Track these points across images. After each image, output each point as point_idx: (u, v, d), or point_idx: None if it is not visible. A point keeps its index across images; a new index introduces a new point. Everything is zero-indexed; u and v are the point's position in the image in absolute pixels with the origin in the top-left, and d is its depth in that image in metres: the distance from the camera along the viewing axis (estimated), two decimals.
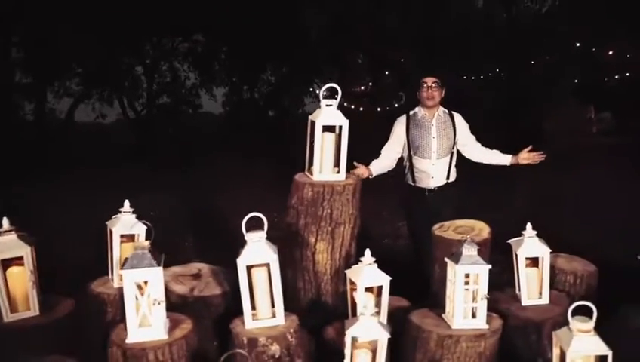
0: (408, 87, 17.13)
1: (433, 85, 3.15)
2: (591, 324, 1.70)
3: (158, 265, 1.77)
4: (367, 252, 1.98)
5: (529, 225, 2.22)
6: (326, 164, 2.19)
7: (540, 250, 2.19)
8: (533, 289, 2.25)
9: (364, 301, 1.86)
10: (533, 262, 2.26)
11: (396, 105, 19.54)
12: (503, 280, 2.42)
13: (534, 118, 16.11)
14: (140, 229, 2.14)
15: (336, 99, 2.17)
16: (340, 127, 2.17)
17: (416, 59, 15.97)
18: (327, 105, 2.16)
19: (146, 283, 1.79)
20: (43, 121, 13.83)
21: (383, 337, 1.65)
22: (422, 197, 3.19)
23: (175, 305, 2.20)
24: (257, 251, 1.85)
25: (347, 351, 1.67)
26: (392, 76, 17.13)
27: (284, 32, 15.35)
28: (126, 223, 2.12)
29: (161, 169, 11.10)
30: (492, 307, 2.25)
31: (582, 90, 18.52)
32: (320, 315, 2.18)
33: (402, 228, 4.20)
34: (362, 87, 19.80)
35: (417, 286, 2.48)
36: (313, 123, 2.16)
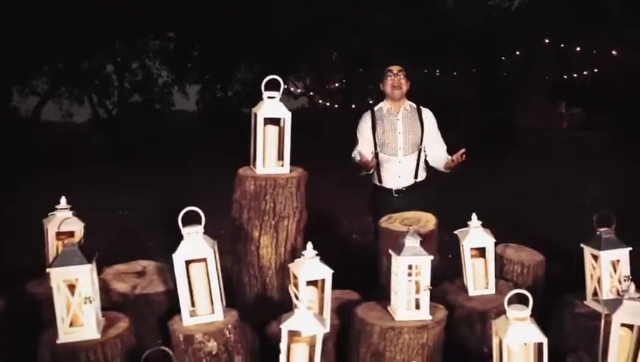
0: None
1: (400, 73, 3.01)
2: (527, 312, 1.70)
3: (89, 262, 1.72)
4: (309, 245, 1.96)
5: (474, 216, 2.22)
6: (269, 157, 2.16)
7: (484, 241, 2.19)
8: (479, 279, 2.26)
9: (304, 295, 1.83)
10: (480, 252, 2.26)
11: (370, 101, 19.61)
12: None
13: (506, 114, 16.36)
14: (76, 226, 2.08)
15: (278, 91, 2.14)
16: (284, 120, 2.13)
17: (388, 56, 16.04)
18: (269, 98, 2.12)
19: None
20: (9, 119, 13.52)
21: (318, 331, 1.63)
22: (388, 198, 3.01)
23: (116, 303, 2.15)
24: (194, 246, 1.81)
25: (283, 346, 1.65)
26: (366, 73, 17.21)
27: (256, 29, 15.26)
28: (61, 220, 2.05)
29: (133, 167, 10.96)
30: (440, 298, 2.26)
31: (552, 86, 18.86)
32: (265, 310, 2.14)
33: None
34: (336, 84, 19.83)
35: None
36: (256, 115, 2.12)
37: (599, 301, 2.10)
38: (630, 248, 2.10)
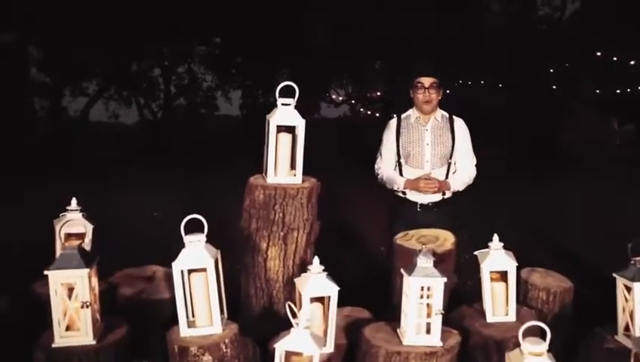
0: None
1: (431, 86, 2.78)
2: (544, 347, 1.56)
3: (87, 266, 1.69)
4: (316, 260, 1.87)
5: (496, 237, 2.08)
6: (281, 166, 2.09)
7: (506, 264, 2.05)
8: (499, 305, 2.11)
9: (305, 312, 1.75)
10: (502, 276, 2.12)
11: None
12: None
13: (555, 129, 15.81)
14: (85, 228, 2.07)
15: (294, 98, 2.07)
16: (297, 128, 2.06)
17: (429, 65, 15.79)
18: (282, 105, 2.06)
19: None
20: (60, 119, 14.03)
21: (315, 352, 1.54)
22: (412, 213, 2.81)
23: (122, 307, 2.12)
24: (195, 255, 1.75)
25: None
26: (406, 83, 17.00)
27: (299, 37, 15.36)
28: (72, 222, 2.04)
29: (174, 170, 11.15)
30: (456, 322, 2.13)
31: (604, 100, 18.10)
32: (271, 324, 2.07)
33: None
34: (378, 93, 19.68)
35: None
36: (269, 123, 2.06)
37: (631, 337, 1.93)
38: None
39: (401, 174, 2.89)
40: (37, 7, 11.65)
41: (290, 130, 2.08)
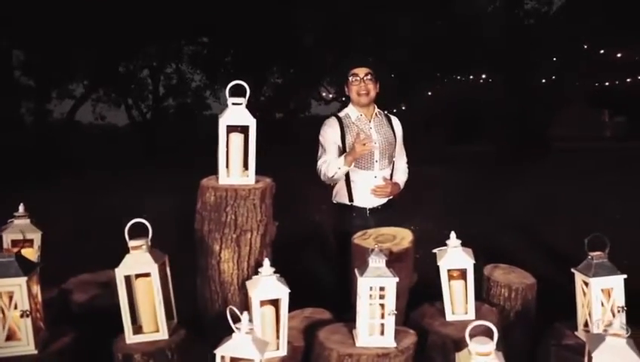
0: (410, 90, 16.91)
1: (367, 77, 2.69)
2: (490, 346, 1.53)
3: (26, 274, 1.64)
4: (266, 262, 1.83)
5: (453, 235, 2.04)
6: (234, 167, 2.04)
7: (463, 262, 2.01)
8: (458, 303, 2.08)
9: (253, 316, 1.71)
10: (462, 274, 2.08)
11: (403, 108, 19.37)
12: None
13: (545, 122, 15.81)
14: (34, 234, 2.02)
15: (245, 97, 2.02)
16: (249, 128, 2.02)
17: (419, 61, 15.80)
18: (233, 104, 2.01)
19: None
20: (48, 122, 13.93)
21: (255, 357, 1.50)
22: (361, 219, 2.69)
23: (75, 314, 2.08)
24: (138, 260, 1.71)
25: None
26: (397, 80, 16.96)
27: (289, 35, 15.31)
28: (18, 228, 2.00)
29: (165, 170, 11.08)
30: (416, 322, 2.10)
31: (594, 93, 18.13)
32: (226, 328, 2.03)
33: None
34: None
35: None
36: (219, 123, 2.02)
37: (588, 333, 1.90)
38: (625, 275, 1.88)
39: (348, 178, 2.75)
40: (24, 9, 11.57)
41: (244, 129, 2.03)
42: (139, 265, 1.70)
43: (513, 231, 5.31)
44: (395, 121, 2.89)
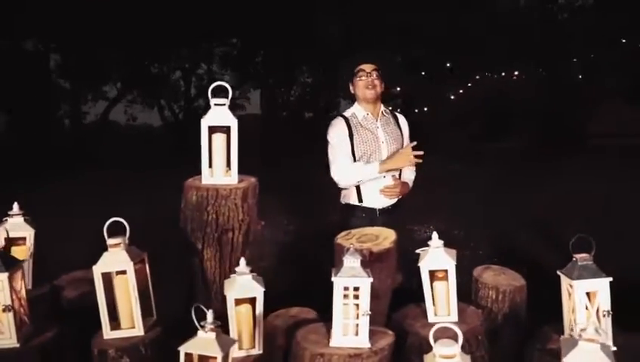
0: (441, 87, 16.68)
1: (373, 72, 2.65)
2: (455, 349, 1.51)
3: (7, 270, 1.71)
4: (242, 261, 1.86)
5: (435, 235, 2.01)
6: (217, 167, 2.08)
7: (444, 263, 1.98)
8: (441, 305, 2.05)
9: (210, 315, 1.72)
10: (446, 275, 2.05)
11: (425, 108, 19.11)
12: None
13: (579, 120, 15.36)
14: (27, 232, 2.10)
15: (227, 98, 2.05)
16: (230, 128, 2.05)
17: (450, 59, 15.59)
18: (216, 105, 2.04)
19: None
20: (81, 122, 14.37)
21: (218, 354, 1.52)
22: (371, 219, 2.64)
23: (65, 310, 2.15)
24: (115, 258, 1.76)
25: None
26: (427, 78, 16.77)
27: (318, 33, 15.34)
28: (12, 226, 2.08)
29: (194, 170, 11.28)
30: (398, 323, 2.09)
31: (632, 89, 17.46)
32: None
33: None
34: (397, 88, 19.48)
35: None
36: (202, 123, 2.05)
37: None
38: (610, 278, 1.82)
39: None
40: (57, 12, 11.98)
41: (224, 130, 2.06)
42: (115, 263, 1.74)
43: (532, 231, 5.17)
44: (402, 119, 2.87)
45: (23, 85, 11.77)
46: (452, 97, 20.33)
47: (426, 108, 19.60)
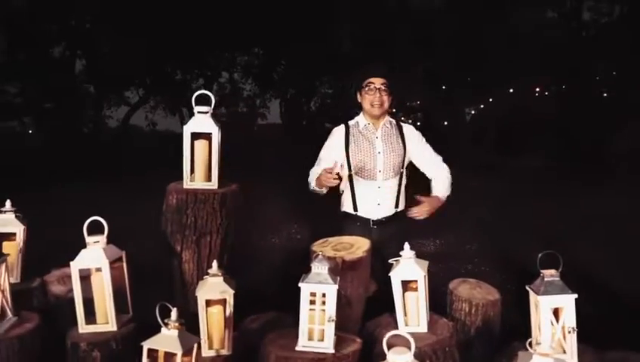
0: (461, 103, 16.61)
1: (382, 87, 2.64)
2: (408, 357, 1.54)
3: None
4: (215, 263, 1.92)
5: (407, 246, 2.04)
6: (199, 172, 2.15)
7: (414, 273, 2.01)
8: (413, 315, 2.08)
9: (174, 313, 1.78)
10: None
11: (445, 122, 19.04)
12: None
13: (601, 136, 15.10)
14: (17, 228, 2.20)
15: (210, 106, 2.13)
16: (212, 135, 2.12)
17: (473, 74, 15.53)
18: (199, 112, 2.12)
19: None
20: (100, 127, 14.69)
21: (178, 350, 1.58)
22: (366, 230, 2.65)
23: (52, 305, 2.24)
24: (92, 255, 1.84)
25: None
26: (448, 92, 16.71)
27: (337, 44, 15.46)
28: (3, 222, 2.18)
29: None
30: (369, 331, 2.12)
31: None
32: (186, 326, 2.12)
33: None
34: (417, 102, 19.48)
35: None
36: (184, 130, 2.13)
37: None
38: (576, 295, 1.83)
39: (352, 187, 2.76)
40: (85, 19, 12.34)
41: (206, 137, 2.13)
42: (92, 260, 1.82)
43: (532, 249, 5.12)
44: (409, 129, 2.81)
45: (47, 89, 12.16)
46: (472, 112, 20.22)
47: (446, 123, 19.51)
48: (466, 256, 5.35)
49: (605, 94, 16.17)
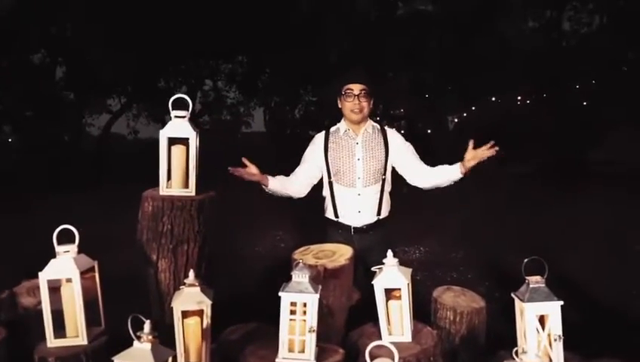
0: (443, 110, 16.74)
1: (361, 94, 2.61)
2: None
3: None
4: (192, 273, 1.84)
5: (390, 253, 1.99)
6: (176, 179, 2.08)
7: (397, 281, 1.96)
8: (396, 324, 2.02)
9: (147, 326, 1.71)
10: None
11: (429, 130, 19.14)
12: None
13: (581, 146, 15.30)
14: None
15: (187, 110, 2.07)
16: (189, 140, 2.06)
17: (456, 83, 15.64)
18: (176, 117, 2.06)
19: None
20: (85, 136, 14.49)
21: None
22: (346, 237, 2.63)
23: (21, 317, 2.15)
24: (62, 265, 1.76)
25: None
26: (432, 99, 16.80)
27: (321, 52, 15.47)
28: None
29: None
30: (352, 341, 2.06)
31: (636, 114, 17.43)
32: (162, 338, 2.04)
33: None
34: (400, 110, 19.57)
35: None
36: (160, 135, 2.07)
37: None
38: (562, 302, 1.79)
39: (333, 193, 2.73)
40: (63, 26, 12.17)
41: (183, 142, 2.07)
42: (61, 271, 1.74)
43: (516, 255, 5.12)
44: (392, 135, 2.76)
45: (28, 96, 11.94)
46: (455, 120, 20.37)
47: (429, 131, 19.63)
48: (450, 263, 5.33)
49: (585, 103, 16.41)
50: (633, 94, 14.32)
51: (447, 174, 2.67)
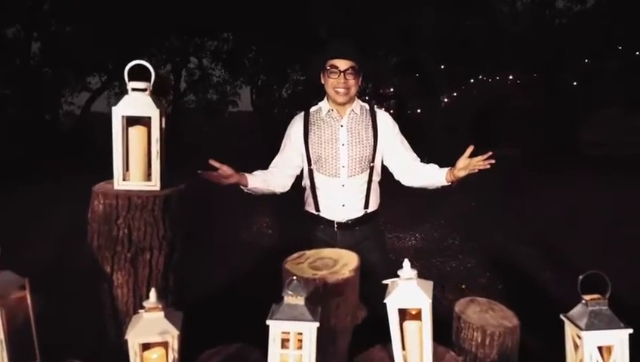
0: (432, 90, 16.29)
1: (349, 71, 2.20)
2: None
3: None
4: (153, 293, 1.41)
5: (406, 263, 1.57)
6: (135, 169, 1.63)
7: (416, 300, 1.55)
8: (414, 349, 1.62)
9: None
10: (419, 312, 1.62)
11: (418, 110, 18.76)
12: None
13: (575, 126, 15.05)
14: None
15: (149, 82, 1.61)
16: (151, 120, 1.61)
17: (445, 61, 15.20)
18: (134, 90, 1.60)
19: None
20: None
21: None
22: (330, 233, 2.32)
23: None
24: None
25: None
26: (421, 79, 16.35)
27: (311, 31, 14.94)
28: None
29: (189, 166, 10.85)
30: None
31: (628, 96, 17.17)
32: None
33: None
34: (390, 89, 19.12)
35: None
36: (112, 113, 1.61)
37: None
38: (631, 329, 1.40)
39: (313, 185, 2.34)
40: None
41: (143, 122, 1.62)
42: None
43: (516, 246, 4.78)
44: (383, 116, 2.37)
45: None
46: (445, 100, 19.97)
47: (419, 110, 19.24)
48: (449, 251, 5.04)
49: (575, 83, 16.09)
50: (627, 74, 14.01)
51: (434, 177, 2.29)
